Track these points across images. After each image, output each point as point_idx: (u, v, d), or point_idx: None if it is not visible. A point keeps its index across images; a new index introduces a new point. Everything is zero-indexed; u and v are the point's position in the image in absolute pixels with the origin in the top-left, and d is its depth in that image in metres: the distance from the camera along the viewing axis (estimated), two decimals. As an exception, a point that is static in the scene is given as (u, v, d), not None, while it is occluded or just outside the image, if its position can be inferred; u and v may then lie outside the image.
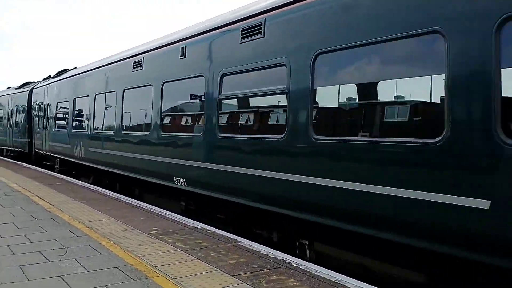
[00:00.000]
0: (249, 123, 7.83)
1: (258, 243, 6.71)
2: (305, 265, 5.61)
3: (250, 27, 7.23)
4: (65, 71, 19.06)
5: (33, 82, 24.12)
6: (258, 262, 5.66)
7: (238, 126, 8.02)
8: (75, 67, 18.34)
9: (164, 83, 9.74)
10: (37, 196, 10.68)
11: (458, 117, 4.53)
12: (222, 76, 7.83)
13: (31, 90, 21.89)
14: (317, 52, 5.99)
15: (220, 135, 7.80)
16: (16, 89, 25.54)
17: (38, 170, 17.80)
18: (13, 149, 24.50)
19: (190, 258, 5.80)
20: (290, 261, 5.73)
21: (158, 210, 9.21)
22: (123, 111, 11.80)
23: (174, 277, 5.08)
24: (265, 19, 6.93)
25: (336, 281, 5.00)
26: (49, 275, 5.07)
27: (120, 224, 7.77)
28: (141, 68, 10.81)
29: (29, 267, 5.35)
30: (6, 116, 25.69)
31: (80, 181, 14.24)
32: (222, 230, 7.53)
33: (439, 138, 4.61)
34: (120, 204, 9.96)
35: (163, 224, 7.86)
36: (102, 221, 8.04)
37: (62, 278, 5.00)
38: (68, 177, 15.23)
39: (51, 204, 9.68)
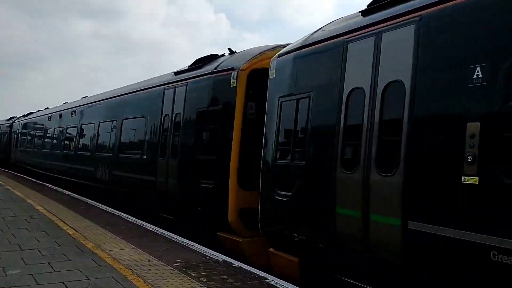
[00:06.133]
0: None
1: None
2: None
3: None
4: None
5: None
6: (286, 304, 5.43)
7: None
8: None
9: None
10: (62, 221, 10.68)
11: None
12: None
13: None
14: None
15: None
16: None
17: (63, 192, 17.91)
18: None
19: (215, 296, 5.61)
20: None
21: (181, 240, 9.06)
22: None
23: (199, 317, 4.90)
24: None
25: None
26: (72, 310, 4.95)
27: (143, 254, 7.64)
28: None
29: (51, 299, 5.24)
30: None
31: (104, 205, 14.18)
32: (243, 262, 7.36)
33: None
34: (142, 231, 9.86)
35: (186, 255, 7.70)
36: (125, 250, 7.93)
37: (84, 313, 4.87)
38: (92, 201, 15.24)
39: (75, 230, 9.64)
